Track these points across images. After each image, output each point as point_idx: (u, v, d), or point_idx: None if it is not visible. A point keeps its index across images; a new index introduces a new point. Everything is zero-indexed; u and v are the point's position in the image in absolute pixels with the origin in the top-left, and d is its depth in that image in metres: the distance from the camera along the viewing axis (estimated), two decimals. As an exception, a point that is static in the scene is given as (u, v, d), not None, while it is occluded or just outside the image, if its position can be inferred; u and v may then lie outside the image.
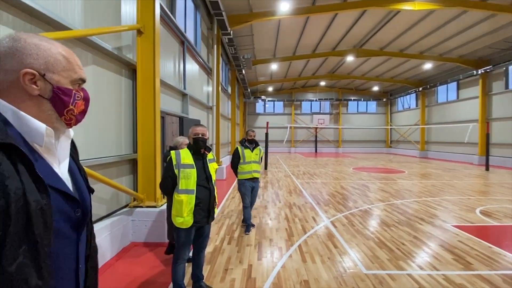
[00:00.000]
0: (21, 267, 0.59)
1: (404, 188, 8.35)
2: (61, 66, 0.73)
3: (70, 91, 0.74)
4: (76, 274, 0.77)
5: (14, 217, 0.58)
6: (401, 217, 5.24)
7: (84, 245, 0.82)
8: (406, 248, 3.76)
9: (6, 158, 0.59)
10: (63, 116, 0.74)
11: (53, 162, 0.74)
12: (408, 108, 24.33)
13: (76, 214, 0.75)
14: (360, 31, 12.98)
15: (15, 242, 0.58)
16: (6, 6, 2.15)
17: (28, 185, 0.61)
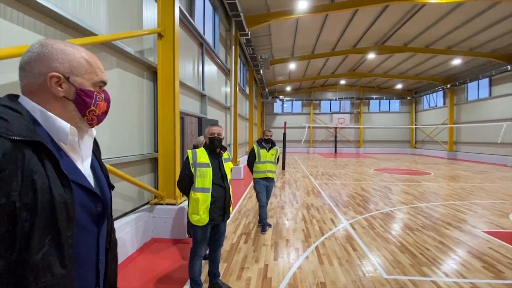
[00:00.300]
0: (46, 255, 0.63)
1: (430, 190, 7.94)
2: (83, 69, 0.77)
3: (92, 92, 0.79)
4: (96, 265, 0.81)
5: (40, 209, 0.62)
6: (425, 221, 4.99)
7: (104, 238, 0.86)
8: (431, 253, 3.57)
9: (34, 155, 0.64)
10: (85, 116, 0.79)
11: (77, 159, 0.79)
12: (434, 106, 23.09)
13: (97, 208, 0.79)
14: (382, 27, 12.51)
15: (41, 233, 0.62)
16: (40, 15, 2.32)
17: (53, 180, 0.66)
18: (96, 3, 3.00)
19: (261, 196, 4.41)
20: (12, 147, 0.60)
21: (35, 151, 0.64)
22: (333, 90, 26.60)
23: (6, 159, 0.58)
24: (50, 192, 0.64)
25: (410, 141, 26.40)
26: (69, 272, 0.67)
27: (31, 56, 0.72)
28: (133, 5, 3.79)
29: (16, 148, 0.60)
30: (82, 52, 0.79)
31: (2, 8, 2.01)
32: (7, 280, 0.59)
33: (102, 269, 0.85)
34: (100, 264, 0.83)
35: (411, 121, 26.07)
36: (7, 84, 2.00)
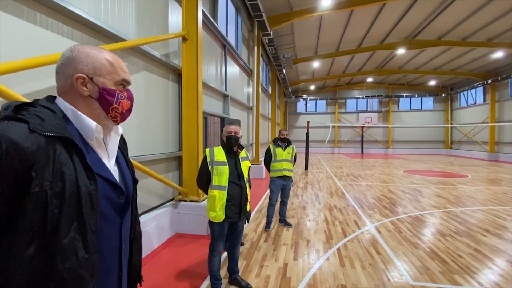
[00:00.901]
0: (72, 240, 0.69)
1: (466, 194, 7.36)
2: (106, 70, 0.83)
3: (114, 91, 0.84)
4: (119, 252, 0.87)
5: (68, 198, 0.69)
6: (460, 226, 4.64)
7: (127, 228, 0.92)
8: (464, 261, 3.32)
9: (64, 149, 0.71)
10: (109, 114, 0.85)
11: (103, 154, 0.85)
12: (473, 103, 21.31)
13: (120, 200, 0.85)
14: (413, 20, 11.81)
15: (69, 220, 0.69)
16: (76, 24, 2.53)
17: (80, 172, 0.72)
18: (126, 10, 3.20)
19: (273, 195, 4.45)
20: (45, 142, 0.67)
21: (64, 146, 0.71)
22: (359, 88, 25.66)
23: (40, 152, 0.66)
24: (76, 182, 0.71)
25: (445, 141, 24.64)
26: (92, 257, 0.73)
27: (62, 61, 0.80)
28: (159, 11, 3.99)
29: (48, 143, 0.68)
30: (105, 54, 0.84)
31: (44, 19, 2.23)
32: (40, 260, 0.66)
33: (125, 257, 0.90)
34: (123, 252, 0.88)
35: (446, 120, 24.31)
36: (50, 87, 2.22)
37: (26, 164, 0.64)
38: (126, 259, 0.92)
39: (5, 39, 1.91)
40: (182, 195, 4.35)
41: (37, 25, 2.16)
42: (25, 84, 2.04)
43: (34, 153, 0.65)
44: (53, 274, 0.67)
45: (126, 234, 0.91)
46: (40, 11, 2.18)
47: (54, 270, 0.67)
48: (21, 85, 2.01)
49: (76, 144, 0.73)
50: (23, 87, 2.03)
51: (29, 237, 0.66)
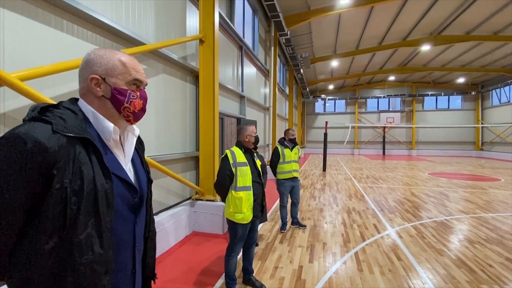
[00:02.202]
0: (88, 236, 0.73)
1: (498, 199, 6.86)
2: (118, 70, 0.85)
3: (125, 91, 0.86)
4: (133, 250, 0.90)
5: (86, 196, 0.73)
6: (490, 233, 4.34)
7: (142, 227, 0.94)
8: (494, 271, 3.10)
9: (83, 149, 0.76)
10: (121, 113, 0.87)
11: (120, 154, 0.89)
12: (507, 102, 19.84)
13: (134, 199, 0.88)
14: (439, 14, 11.22)
15: (86, 216, 0.73)
16: (99, 30, 2.66)
17: (97, 172, 0.76)
18: (145, 15, 3.32)
19: (284, 198, 4.37)
20: (66, 142, 0.72)
21: (84, 146, 0.76)
22: (381, 87, 24.78)
23: (61, 152, 0.71)
24: (94, 181, 0.75)
25: (475, 142, 23.14)
26: (107, 253, 0.77)
27: (81, 64, 0.86)
28: (177, 14, 4.10)
29: (69, 143, 0.73)
30: (119, 56, 0.87)
31: (70, 26, 2.36)
32: (59, 253, 0.71)
33: (138, 255, 0.92)
34: (136, 250, 0.90)
35: (477, 120, 22.83)
36: (73, 91, 2.35)
37: (49, 162, 0.69)
38: (140, 257, 0.94)
39: (35, 46, 2.05)
40: (199, 194, 4.43)
41: (64, 31, 2.30)
42: (52, 87, 2.18)
43: (56, 153, 0.70)
44: (70, 267, 0.71)
45: (141, 232, 0.93)
46: (67, 18, 2.32)
47: (71, 263, 0.71)
48: (50, 89, 2.14)
49: (95, 144, 0.77)
50: (52, 90, 2.17)
51: (49, 232, 0.70)
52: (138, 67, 0.90)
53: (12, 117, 1.91)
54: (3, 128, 1.86)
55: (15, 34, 1.91)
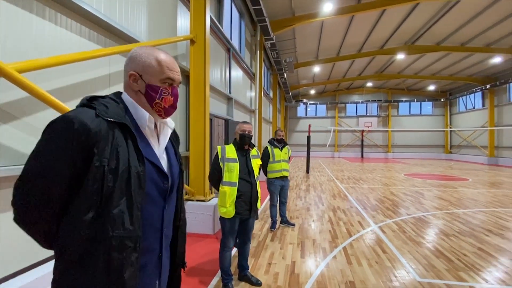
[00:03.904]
0: (120, 212, 0.79)
1: (468, 197, 7.42)
2: (153, 68, 0.91)
3: (158, 88, 0.92)
4: (160, 234, 0.94)
5: (120, 175, 0.80)
6: (463, 227, 4.70)
7: (171, 213, 1.00)
8: (469, 259, 3.37)
9: (121, 133, 0.83)
10: (153, 108, 0.94)
11: (154, 143, 0.95)
12: (472, 108, 21.51)
13: (164, 185, 0.94)
14: (412, 26, 12.02)
15: (119, 194, 0.80)
16: (96, 26, 2.62)
17: (131, 154, 0.83)
18: (138, 13, 3.30)
19: (274, 196, 4.47)
20: (107, 126, 0.81)
21: (122, 131, 0.84)
22: (359, 93, 25.87)
23: (102, 133, 0.79)
24: (128, 162, 0.82)
25: (445, 145, 24.76)
26: (136, 230, 0.82)
27: (126, 61, 0.94)
28: (168, 14, 4.10)
29: (109, 126, 0.81)
30: (156, 54, 0.93)
31: (64, 20, 2.31)
32: (95, 226, 0.77)
33: (166, 240, 0.97)
34: (164, 234, 0.95)
35: (446, 125, 24.48)
36: (67, 86, 2.29)
37: (91, 141, 0.77)
38: (168, 243, 0.99)
39: (29, 38, 1.99)
40: (189, 194, 4.40)
41: (58, 25, 2.25)
42: (48, 81, 2.12)
43: (97, 134, 0.78)
44: (103, 239, 0.78)
45: (169, 219, 0.98)
46: (63, 12, 2.27)
47: (104, 236, 0.78)
48: (45, 82, 2.08)
49: (131, 130, 0.85)
50: (48, 84, 2.10)
51: (88, 205, 0.77)
52: (172, 65, 0.95)
53: (6, 110, 1.84)
54: (-4, 121, 1.78)
55: (11, 25, 1.85)
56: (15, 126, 1.91)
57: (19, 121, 1.93)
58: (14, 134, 1.90)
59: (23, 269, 1.95)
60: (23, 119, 1.96)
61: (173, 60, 0.96)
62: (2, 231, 1.82)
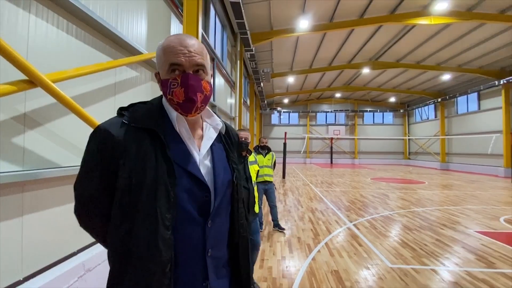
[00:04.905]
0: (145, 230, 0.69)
1: (425, 197, 8.41)
2: (160, 60, 0.79)
3: (166, 81, 0.77)
4: (204, 258, 0.77)
5: (146, 188, 0.71)
6: (422, 222, 5.41)
7: (218, 231, 0.82)
8: (429, 248, 3.98)
9: (150, 140, 0.74)
10: (172, 106, 0.80)
11: (193, 147, 0.81)
12: (426, 119, 24.03)
13: (204, 197, 0.78)
14: (376, 44, 13.36)
15: (145, 209, 0.70)
16: (111, 43, 2.76)
17: (160, 164, 0.73)
18: (139, 26, 3.48)
19: (258, 200, 4.77)
20: (133, 133, 0.74)
21: (151, 137, 0.74)
22: (328, 103, 27.47)
23: (129, 141, 0.73)
24: (155, 173, 0.71)
25: (404, 152, 27.17)
26: (162, 252, 0.69)
27: None
28: (163, 25, 4.30)
29: (136, 133, 0.74)
30: (162, 42, 0.79)
31: (83, 34, 2.45)
32: (126, 242, 0.71)
33: (213, 264, 0.80)
34: (208, 258, 0.78)
35: (404, 133, 26.93)
36: (85, 93, 2.42)
37: (117, 150, 0.73)
38: (219, 266, 0.82)
39: (55, 51, 2.12)
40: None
41: (80, 40, 2.38)
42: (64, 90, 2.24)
43: (122, 141, 0.73)
44: (130, 258, 0.70)
45: (218, 238, 0.82)
46: (79, 25, 2.41)
47: (131, 255, 0.70)
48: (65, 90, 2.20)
49: (159, 135, 0.75)
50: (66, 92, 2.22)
51: (120, 219, 0.72)
52: (176, 47, 0.76)
53: (31, 117, 1.95)
54: (23, 128, 1.89)
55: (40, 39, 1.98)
56: (39, 132, 2.01)
57: (42, 127, 2.04)
58: (37, 140, 2.00)
59: (47, 266, 2.02)
60: (45, 125, 2.07)
61: (181, 40, 0.77)
62: (26, 232, 1.89)
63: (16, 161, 1.84)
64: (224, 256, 0.85)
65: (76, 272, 2.23)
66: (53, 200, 2.14)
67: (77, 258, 2.32)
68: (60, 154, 2.22)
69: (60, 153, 2.22)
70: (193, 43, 0.78)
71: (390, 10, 10.02)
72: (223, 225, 0.84)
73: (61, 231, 2.20)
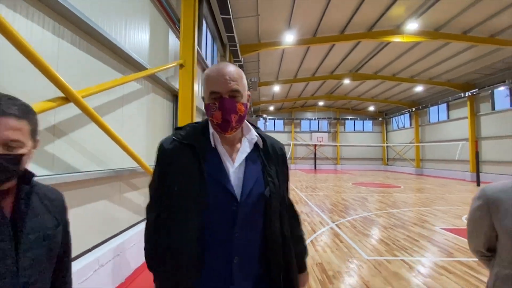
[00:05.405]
0: (179, 231, 0.84)
1: (400, 200, 9.13)
2: (204, 87, 0.92)
3: (208, 106, 0.90)
4: (229, 262, 0.85)
5: (183, 195, 0.84)
6: (396, 222, 6.01)
7: (246, 239, 0.87)
8: (400, 243, 4.52)
9: (191, 153, 0.88)
10: (212, 126, 0.93)
11: (227, 161, 0.91)
12: (402, 127, 25.54)
13: (232, 207, 0.86)
14: (355, 58, 14.31)
15: (178, 212, 0.85)
16: (117, 57, 3.08)
17: (196, 174, 0.86)
18: (143, 43, 3.81)
19: None
20: (178, 147, 0.91)
21: (192, 151, 0.89)
22: (312, 111, 28.46)
23: (174, 154, 0.90)
24: (191, 181, 0.84)
25: (383, 158, 28.57)
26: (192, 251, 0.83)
27: None
28: (163, 41, 4.66)
29: (180, 147, 0.91)
30: (206, 71, 0.94)
31: (96, 51, 2.77)
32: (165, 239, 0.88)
33: (240, 270, 0.85)
34: (234, 266, 0.84)
35: (383, 140, 28.38)
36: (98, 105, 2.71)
37: (166, 160, 0.90)
38: (242, 275, 0.87)
39: (77, 68, 2.43)
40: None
41: (94, 57, 2.70)
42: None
43: (170, 154, 0.90)
44: (169, 252, 0.86)
45: (244, 248, 0.87)
46: (96, 45, 2.73)
47: (170, 253, 0.86)
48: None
49: (196, 150, 0.89)
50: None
51: (164, 219, 0.90)
52: (217, 78, 0.88)
53: (58, 128, 2.24)
54: (53, 137, 2.18)
55: (66, 59, 2.30)
56: (65, 140, 2.30)
57: (66, 136, 2.33)
58: (63, 147, 2.29)
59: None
60: (69, 135, 2.36)
61: (222, 71, 0.88)
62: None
63: (47, 166, 2.13)
64: (254, 267, 0.89)
65: (92, 266, 2.50)
66: (73, 202, 2.41)
67: (92, 254, 2.58)
68: (79, 160, 2.51)
69: (79, 159, 2.51)
70: (229, 70, 0.89)
71: (368, 27, 10.90)
72: (253, 237, 0.89)
73: (78, 229, 2.47)
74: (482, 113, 16.50)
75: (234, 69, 0.90)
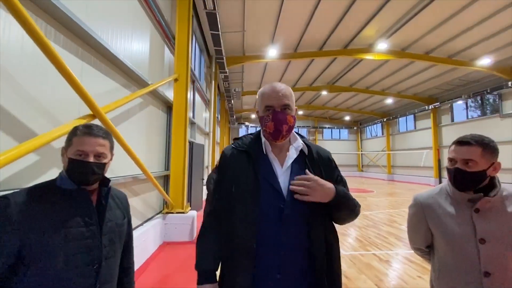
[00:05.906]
0: (235, 221, 1.00)
1: (373, 203, 9.96)
2: (258, 103, 1.10)
3: (262, 117, 1.07)
4: (278, 253, 0.95)
5: (240, 189, 1.01)
6: (369, 222, 6.69)
7: (291, 234, 0.97)
8: (372, 240, 5.15)
9: (246, 158, 1.05)
10: (265, 135, 1.09)
11: (276, 165, 1.06)
12: (375, 136, 27.27)
13: (280, 205, 0.98)
14: (332, 72, 15.39)
15: (236, 204, 1.01)
16: (126, 75, 3.41)
17: (251, 174, 1.02)
18: (144, 58, 4.16)
19: None
20: (236, 153, 1.10)
21: (247, 156, 1.06)
22: (292, 119, 29.39)
23: (232, 159, 1.09)
24: (246, 181, 1.00)
25: (358, 165, 30.14)
26: (248, 239, 0.95)
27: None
28: (159, 56, 5.01)
29: (238, 154, 1.08)
30: (261, 89, 1.10)
31: (104, 68, 3.10)
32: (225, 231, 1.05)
33: (286, 261, 0.96)
34: (283, 255, 0.95)
35: (358, 148, 30.01)
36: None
37: (226, 163, 1.10)
38: (293, 264, 0.97)
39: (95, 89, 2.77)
40: (169, 208, 5.08)
41: (108, 76, 3.03)
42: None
43: (228, 159, 1.10)
44: (232, 239, 1.00)
45: (290, 241, 0.96)
46: (107, 64, 3.07)
47: (228, 244, 1.02)
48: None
49: (251, 156, 1.04)
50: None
51: (223, 215, 1.06)
52: (271, 94, 1.04)
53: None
54: (78, 148, 2.48)
55: (87, 81, 2.64)
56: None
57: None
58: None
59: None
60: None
61: (275, 88, 1.03)
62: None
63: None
64: (298, 262, 0.97)
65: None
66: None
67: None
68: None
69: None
70: (281, 88, 1.05)
71: (344, 45, 11.89)
72: (300, 233, 0.98)
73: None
74: (443, 124, 18.27)
75: (285, 87, 1.07)
